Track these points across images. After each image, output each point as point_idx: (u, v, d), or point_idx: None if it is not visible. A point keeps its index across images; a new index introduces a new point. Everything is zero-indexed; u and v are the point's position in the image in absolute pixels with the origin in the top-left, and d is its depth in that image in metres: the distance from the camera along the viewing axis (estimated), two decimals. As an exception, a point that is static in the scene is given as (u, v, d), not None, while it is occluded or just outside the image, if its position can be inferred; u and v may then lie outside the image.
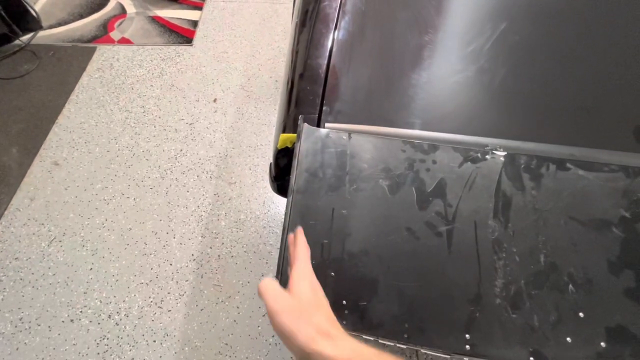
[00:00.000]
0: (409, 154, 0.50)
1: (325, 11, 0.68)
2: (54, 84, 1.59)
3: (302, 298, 0.33)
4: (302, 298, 0.33)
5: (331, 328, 0.31)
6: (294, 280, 0.34)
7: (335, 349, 0.29)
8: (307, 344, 0.29)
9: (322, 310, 0.33)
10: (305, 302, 0.32)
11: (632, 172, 0.47)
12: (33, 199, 1.26)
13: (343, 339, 0.30)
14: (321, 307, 0.33)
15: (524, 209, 0.46)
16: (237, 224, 1.22)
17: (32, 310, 1.05)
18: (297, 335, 0.29)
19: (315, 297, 0.34)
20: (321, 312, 0.32)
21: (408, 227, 0.45)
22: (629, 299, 0.40)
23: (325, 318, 0.32)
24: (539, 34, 0.63)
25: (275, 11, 1.91)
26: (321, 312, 0.32)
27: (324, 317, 0.32)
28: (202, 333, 1.02)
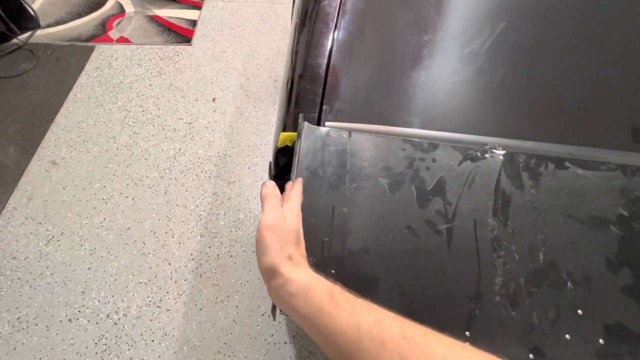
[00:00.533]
0: (408, 153, 0.50)
1: (325, 10, 0.68)
2: (52, 83, 1.58)
3: (290, 226, 0.37)
4: (290, 226, 0.37)
5: (301, 260, 0.35)
6: (286, 211, 0.38)
7: (299, 274, 0.33)
8: (277, 265, 0.33)
9: (300, 244, 0.37)
10: (291, 231, 0.36)
11: (630, 170, 0.48)
12: (31, 198, 1.25)
13: (307, 270, 0.34)
14: (300, 241, 0.37)
15: (523, 208, 0.46)
16: (236, 223, 1.21)
17: (29, 309, 1.04)
18: (273, 255, 0.34)
19: (298, 231, 0.38)
20: (299, 246, 0.37)
21: (408, 225, 0.45)
22: (627, 296, 0.41)
23: (300, 252, 0.36)
24: (537, 34, 0.63)
25: (275, 11, 1.91)
26: (299, 246, 0.37)
27: (299, 250, 0.36)
28: (201, 332, 1.02)
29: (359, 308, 0.30)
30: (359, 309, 0.30)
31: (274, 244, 0.34)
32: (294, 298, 0.32)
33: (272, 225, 0.35)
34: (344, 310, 0.30)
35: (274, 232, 0.35)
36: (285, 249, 0.34)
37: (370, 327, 0.28)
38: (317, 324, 0.30)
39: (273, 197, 0.39)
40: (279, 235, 0.35)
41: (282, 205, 0.39)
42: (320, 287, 0.32)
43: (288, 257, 0.34)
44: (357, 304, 0.31)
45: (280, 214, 0.37)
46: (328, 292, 0.32)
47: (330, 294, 0.31)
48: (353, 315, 0.29)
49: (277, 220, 0.36)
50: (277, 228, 0.35)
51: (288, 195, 0.41)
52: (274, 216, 0.36)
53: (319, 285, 0.32)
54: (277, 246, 0.34)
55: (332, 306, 0.30)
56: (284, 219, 0.37)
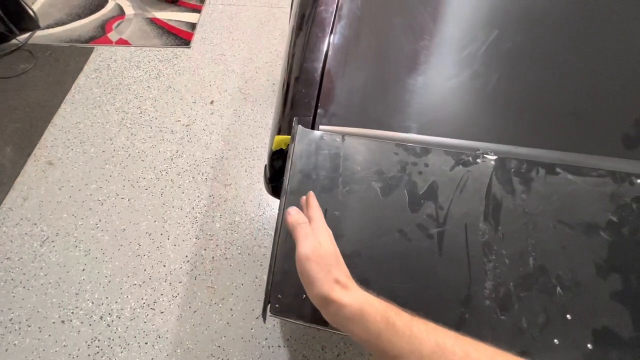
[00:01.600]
0: (401, 157, 0.50)
1: (321, 15, 0.69)
2: (50, 84, 1.59)
3: (327, 249, 0.36)
4: (327, 249, 0.36)
5: (348, 281, 0.34)
6: (316, 233, 0.37)
7: (350, 298, 0.32)
8: (328, 293, 0.32)
9: (341, 264, 0.36)
10: (329, 254, 0.36)
11: (620, 177, 0.48)
12: (26, 199, 1.25)
13: (357, 290, 0.34)
14: (340, 261, 0.37)
15: (514, 212, 0.46)
16: (232, 226, 1.21)
17: (22, 311, 1.03)
18: (321, 284, 0.33)
19: (335, 251, 0.37)
20: (340, 266, 0.36)
21: (400, 229, 0.46)
22: (615, 301, 0.41)
23: (344, 272, 0.35)
24: (530, 42, 0.64)
25: (273, 15, 1.93)
26: (340, 266, 0.36)
27: (342, 271, 0.35)
28: (194, 335, 1.01)
29: (417, 331, 0.30)
30: (417, 332, 0.29)
31: (319, 274, 0.34)
32: (351, 323, 0.32)
33: (311, 255, 0.34)
34: (402, 335, 0.29)
35: (315, 261, 0.34)
36: (330, 275, 0.34)
37: (432, 351, 0.27)
38: (378, 349, 0.30)
39: (302, 225, 0.38)
40: (320, 264, 0.34)
41: (312, 226, 0.38)
42: (374, 311, 0.31)
43: (335, 281, 0.33)
44: (415, 327, 0.30)
45: (315, 240, 0.36)
46: (383, 316, 0.31)
47: (385, 319, 0.31)
48: (413, 340, 0.29)
49: (314, 249, 0.35)
50: (316, 257, 0.35)
51: (311, 216, 0.40)
52: (310, 245, 0.35)
53: (372, 309, 0.32)
54: (322, 274, 0.34)
55: (390, 331, 0.30)
56: (319, 244, 0.36)
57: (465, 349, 0.27)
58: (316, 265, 0.34)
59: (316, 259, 0.34)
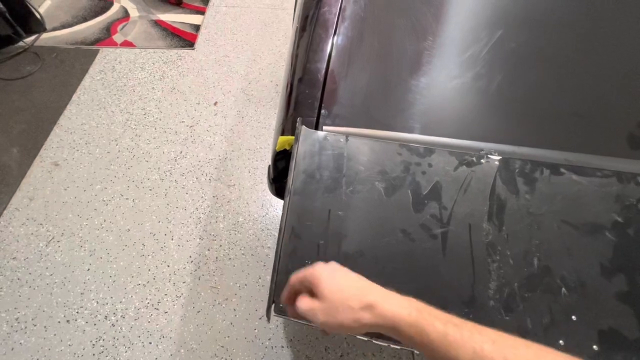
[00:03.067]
0: (405, 157, 0.50)
1: (325, 17, 0.69)
2: (56, 86, 1.60)
3: (329, 295, 0.35)
4: (329, 296, 0.35)
5: (368, 297, 0.34)
6: (315, 289, 0.36)
7: (378, 317, 0.32)
8: (357, 324, 0.33)
9: (351, 289, 0.35)
10: (334, 297, 0.35)
11: (625, 177, 0.48)
12: (32, 199, 1.26)
13: (383, 303, 0.33)
14: (347, 288, 0.35)
15: (518, 213, 0.46)
16: (236, 226, 1.22)
17: (28, 310, 1.04)
18: (347, 325, 0.33)
19: (338, 285, 0.36)
20: (351, 293, 0.35)
21: (403, 229, 0.46)
22: (621, 302, 0.41)
23: (358, 294, 0.34)
24: (534, 42, 0.64)
25: (277, 16, 1.94)
26: (351, 293, 0.35)
27: (355, 295, 0.34)
28: (198, 335, 1.01)
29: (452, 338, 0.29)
30: (452, 339, 0.29)
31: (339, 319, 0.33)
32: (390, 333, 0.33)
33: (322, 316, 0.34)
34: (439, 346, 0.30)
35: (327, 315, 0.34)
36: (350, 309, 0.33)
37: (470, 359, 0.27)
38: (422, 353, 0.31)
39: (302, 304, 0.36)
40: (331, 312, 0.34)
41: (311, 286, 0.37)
42: (405, 325, 0.32)
43: (363, 308, 0.33)
44: (450, 333, 0.29)
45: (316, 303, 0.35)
46: (416, 329, 0.31)
47: (419, 332, 0.31)
48: (450, 349, 0.29)
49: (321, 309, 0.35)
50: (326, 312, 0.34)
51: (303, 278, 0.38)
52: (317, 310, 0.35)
53: (402, 322, 0.32)
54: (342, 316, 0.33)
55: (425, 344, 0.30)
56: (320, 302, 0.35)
57: (503, 354, 0.26)
58: (333, 317, 0.34)
59: (328, 313, 0.34)
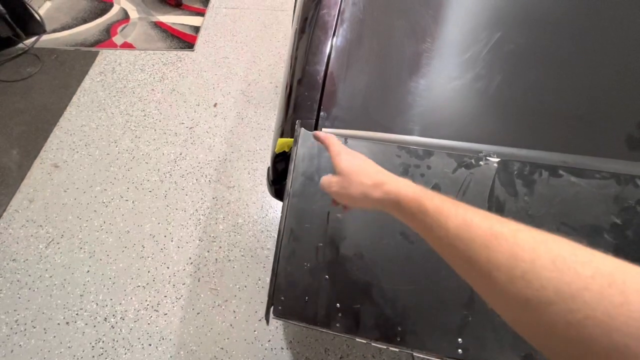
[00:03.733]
0: (404, 159, 0.50)
1: (324, 19, 0.70)
2: (56, 87, 1.60)
3: (346, 171, 0.39)
4: (345, 171, 0.39)
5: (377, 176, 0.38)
6: (334, 161, 0.41)
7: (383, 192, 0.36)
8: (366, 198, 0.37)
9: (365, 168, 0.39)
10: (349, 172, 0.39)
11: (624, 179, 0.48)
12: (32, 201, 1.26)
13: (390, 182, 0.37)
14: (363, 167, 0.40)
15: (517, 215, 0.46)
16: (235, 227, 1.22)
17: (27, 312, 1.04)
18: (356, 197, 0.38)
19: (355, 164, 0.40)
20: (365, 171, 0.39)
21: (402, 232, 0.46)
22: (619, 304, 0.41)
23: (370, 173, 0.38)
24: (532, 44, 0.64)
25: (276, 18, 1.94)
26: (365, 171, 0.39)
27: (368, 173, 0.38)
28: (197, 337, 1.01)
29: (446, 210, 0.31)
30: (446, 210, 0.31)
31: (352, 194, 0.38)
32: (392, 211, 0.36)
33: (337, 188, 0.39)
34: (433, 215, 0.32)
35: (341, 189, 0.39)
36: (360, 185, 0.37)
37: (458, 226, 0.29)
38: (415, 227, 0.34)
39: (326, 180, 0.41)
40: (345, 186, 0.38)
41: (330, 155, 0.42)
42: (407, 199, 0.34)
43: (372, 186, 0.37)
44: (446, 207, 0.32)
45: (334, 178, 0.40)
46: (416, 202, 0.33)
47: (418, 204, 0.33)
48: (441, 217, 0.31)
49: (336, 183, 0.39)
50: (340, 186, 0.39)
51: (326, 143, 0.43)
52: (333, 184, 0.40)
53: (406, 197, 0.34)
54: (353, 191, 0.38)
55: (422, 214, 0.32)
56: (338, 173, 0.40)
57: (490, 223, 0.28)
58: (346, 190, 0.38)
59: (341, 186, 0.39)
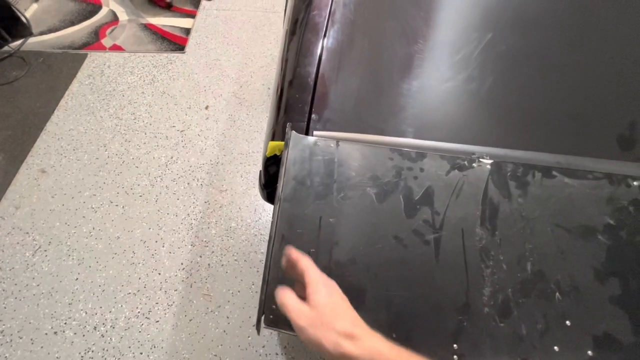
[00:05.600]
0: (396, 162, 0.50)
1: (314, 20, 0.69)
2: (43, 91, 1.57)
3: (321, 308, 0.34)
4: (321, 308, 0.34)
5: (354, 329, 0.33)
6: (309, 291, 0.36)
7: (359, 349, 0.32)
8: (334, 349, 0.32)
9: (342, 313, 0.35)
10: (324, 311, 0.34)
11: (616, 179, 0.48)
12: (18, 208, 1.23)
13: (366, 338, 0.33)
14: (340, 310, 0.35)
15: (511, 217, 0.46)
16: (228, 232, 1.20)
17: (13, 322, 1.01)
18: (324, 344, 0.32)
19: (333, 303, 0.35)
20: (341, 316, 0.34)
21: (396, 236, 0.45)
22: (614, 306, 0.41)
23: (347, 321, 0.34)
24: (524, 44, 0.64)
25: (268, 19, 1.93)
26: (341, 316, 0.34)
27: (344, 320, 0.34)
28: (190, 344, 0.99)
29: None
30: None
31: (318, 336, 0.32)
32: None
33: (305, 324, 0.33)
34: None
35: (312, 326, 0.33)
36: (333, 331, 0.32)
37: None
38: None
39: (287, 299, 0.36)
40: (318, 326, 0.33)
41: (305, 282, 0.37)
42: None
43: (340, 335, 0.32)
44: None
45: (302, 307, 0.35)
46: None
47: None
48: None
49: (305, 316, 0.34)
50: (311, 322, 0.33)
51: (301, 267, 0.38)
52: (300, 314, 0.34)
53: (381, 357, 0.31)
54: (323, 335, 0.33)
55: None
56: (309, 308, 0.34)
57: None
58: (314, 329, 0.33)
59: (311, 324, 0.33)
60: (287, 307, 0.35)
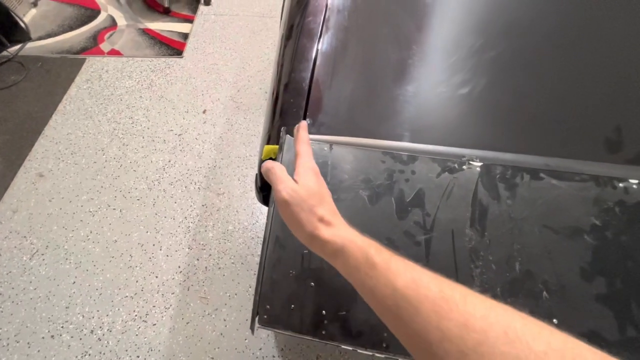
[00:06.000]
0: (388, 165, 0.51)
1: (309, 26, 0.70)
2: (41, 95, 1.58)
3: (308, 189, 0.35)
4: (308, 189, 0.35)
5: (332, 217, 0.34)
6: (300, 171, 0.37)
7: (333, 234, 0.33)
8: (312, 231, 0.33)
9: (325, 201, 0.36)
10: (311, 194, 0.35)
11: (602, 181, 0.49)
12: (16, 212, 1.23)
13: (341, 227, 0.34)
14: (324, 198, 0.36)
15: (500, 218, 0.47)
16: (225, 235, 1.21)
17: (10, 326, 1.01)
18: (304, 225, 0.33)
19: (319, 189, 0.36)
20: (324, 204, 0.35)
21: (388, 237, 0.46)
22: (600, 304, 0.42)
23: (328, 209, 0.35)
24: (514, 50, 0.65)
25: (265, 24, 1.95)
26: (324, 204, 0.35)
27: (326, 208, 0.35)
28: (187, 347, 1.00)
29: (394, 267, 0.29)
30: (394, 267, 0.29)
31: (301, 214, 0.34)
32: (333, 259, 0.33)
33: (289, 199, 0.34)
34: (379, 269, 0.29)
35: (295, 204, 0.34)
36: (313, 214, 0.34)
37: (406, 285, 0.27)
38: (357, 283, 0.31)
39: (275, 168, 0.37)
40: (301, 205, 0.34)
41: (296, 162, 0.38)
42: (355, 247, 0.32)
43: (319, 219, 0.33)
44: (393, 263, 0.30)
45: (291, 182, 0.35)
46: (363, 251, 0.31)
47: (365, 254, 0.31)
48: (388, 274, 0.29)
49: (292, 192, 0.34)
50: (296, 199, 0.34)
51: (297, 151, 0.40)
52: (287, 188, 0.35)
53: (353, 245, 0.32)
54: (305, 215, 0.34)
55: (367, 266, 0.30)
56: (298, 185, 0.35)
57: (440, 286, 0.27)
58: (297, 207, 0.34)
59: (296, 201, 0.34)
60: (276, 175, 0.36)
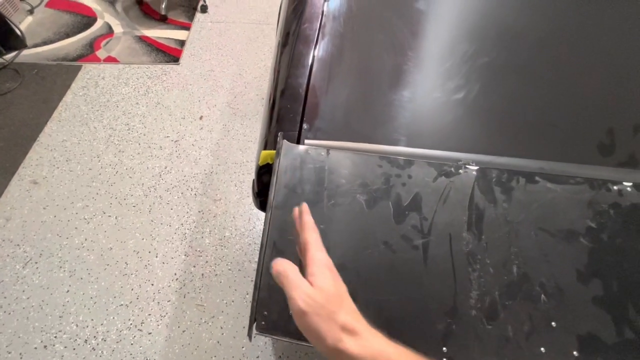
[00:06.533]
0: (385, 169, 0.51)
1: (305, 33, 0.71)
2: (36, 102, 1.57)
3: (326, 292, 0.31)
4: (326, 292, 0.31)
5: (356, 324, 0.30)
6: (314, 271, 0.32)
7: (361, 347, 0.29)
8: (335, 345, 0.29)
9: (345, 304, 0.32)
10: (329, 297, 0.31)
11: (597, 184, 0.50)
12: (9, 219, 1.22)
13: (368, 336, 0.30)
14: (344, 300, 0.32)
15: (496, 221, 0.47)
16: (222, 241, 1.20)
17: (2, 336, 0.99)
18: (326, 337, 0.29)
19: (337, 290, 0.32)
20: (345, 308, 0.31)
21: (385, 241, 0.46)
22: (597, 306, 0.42)
23: (350, 314, 0.31)
24: (508, 55, 0.66)
25: (262, 31, 1.96)
26: (345, 308, 0.31)
27: (348, 313, 0.31)
28: (183, 356, 0.98)
29: None
30: None
31: (320, 325, 0.29)
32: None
33: (307, 309, 0.29)
34: None
35: (314, 313, 0.29)
36: (335, 322, 0.29)
37: None
38: None
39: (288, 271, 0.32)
40: (320, 314, 0.29)
41: (305, 256, 0.33)
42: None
43: (342, 329, 0.29)
44: None
45: (305, 286, 0.31)
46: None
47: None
48: None
49: (309, 299, 0.30)
50: (314, 308, 0.30)
51: (305, 242, 0.35)
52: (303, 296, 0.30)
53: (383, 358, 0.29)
54: (324, 325, 0.29)
55: None
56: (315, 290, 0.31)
57: None
58: (316, 317, 0.29)
59: (314, 309, 0.30)
60: (289, 280, 0.31)
